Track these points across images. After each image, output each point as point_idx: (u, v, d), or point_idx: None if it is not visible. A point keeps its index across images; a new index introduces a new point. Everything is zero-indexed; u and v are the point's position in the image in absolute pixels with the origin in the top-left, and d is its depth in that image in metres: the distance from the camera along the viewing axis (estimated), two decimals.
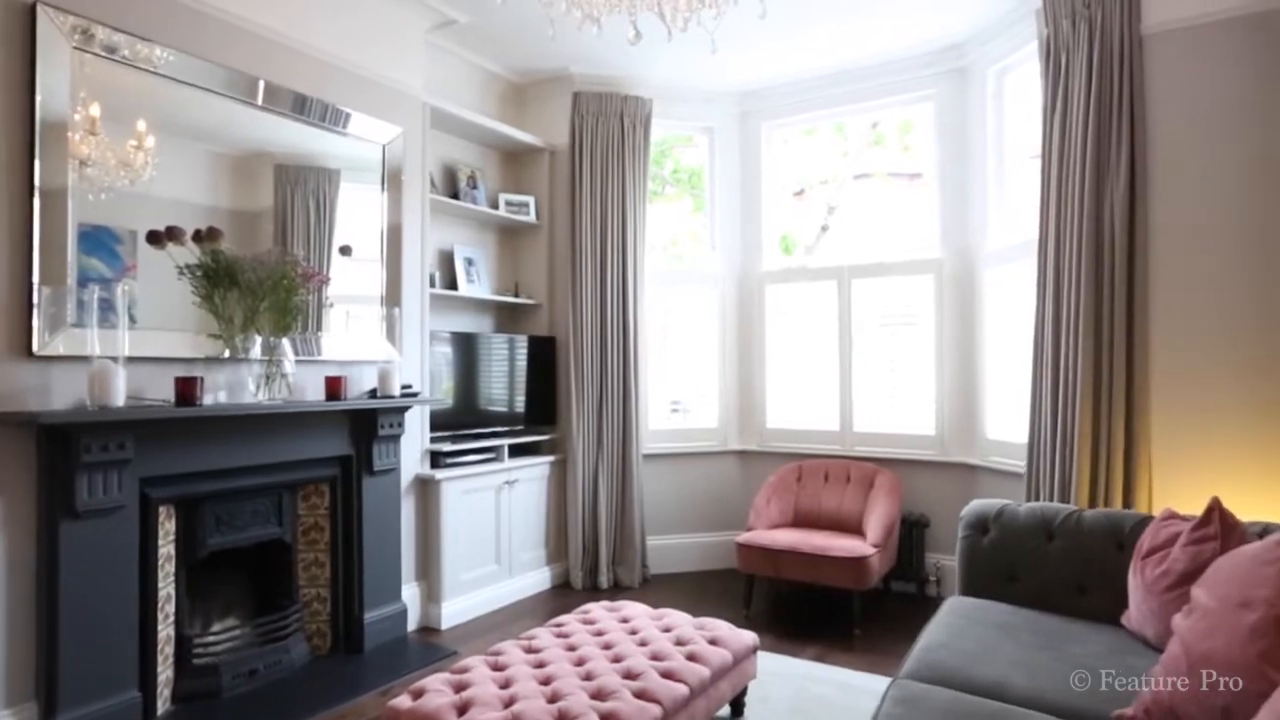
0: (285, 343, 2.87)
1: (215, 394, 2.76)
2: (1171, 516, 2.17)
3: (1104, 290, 3.02)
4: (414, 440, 3.61)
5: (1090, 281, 3.03)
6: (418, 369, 3.64)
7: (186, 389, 2.51)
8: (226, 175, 2.86)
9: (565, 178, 4.41)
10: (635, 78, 4.45)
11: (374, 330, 3.43)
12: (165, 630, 2.65)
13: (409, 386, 3.50)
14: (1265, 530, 2.06)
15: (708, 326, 4.79)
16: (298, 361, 2.98)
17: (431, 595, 3.64)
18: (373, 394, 3.31)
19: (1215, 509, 1.98)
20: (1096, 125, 3.03)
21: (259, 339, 2.82)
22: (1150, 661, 1.91)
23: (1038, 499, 3.24)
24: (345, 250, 3.29)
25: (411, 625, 3.55)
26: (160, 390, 2.60)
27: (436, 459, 3.73)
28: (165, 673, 2.64)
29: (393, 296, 3.51)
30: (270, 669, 2.93)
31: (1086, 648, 2.05)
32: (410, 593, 3.57)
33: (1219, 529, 1.94)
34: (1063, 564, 2.43)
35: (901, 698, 1.77)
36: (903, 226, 4.47)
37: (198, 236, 2.64)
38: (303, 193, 3.15)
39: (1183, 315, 2.91)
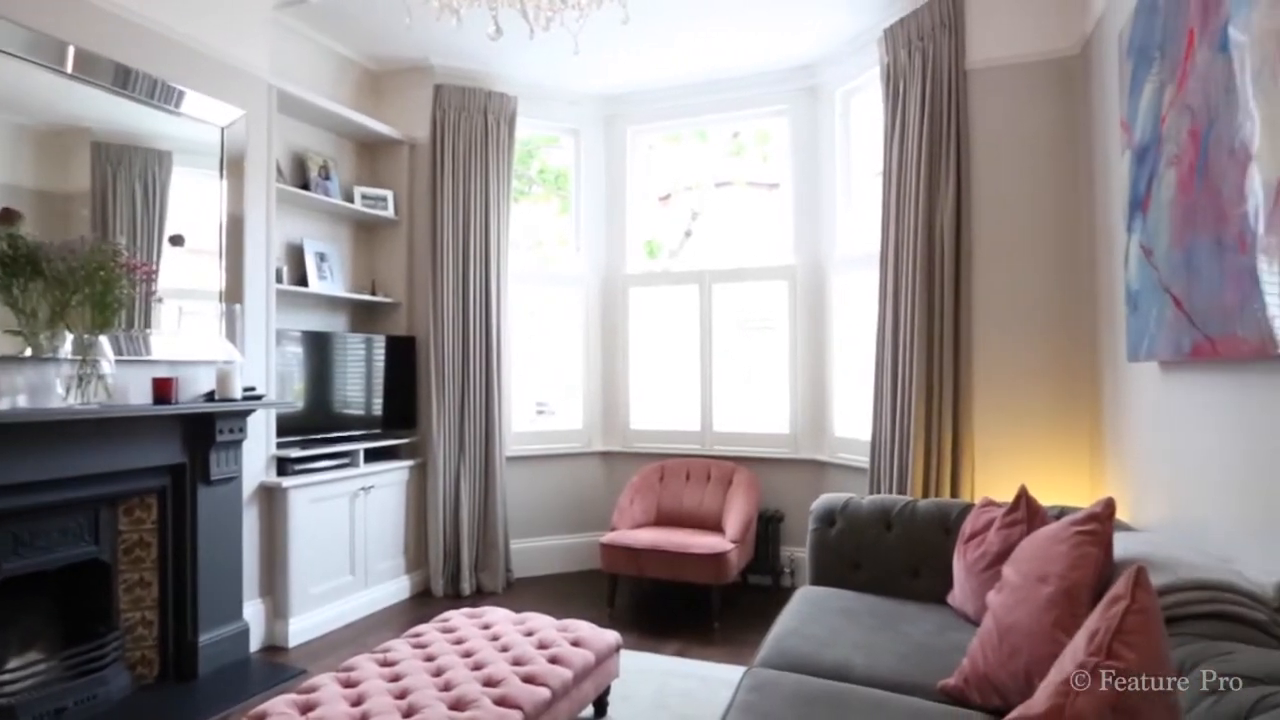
0: (103, 341, 2.59)
1: (14, 398, 2.43)
2: (989, 504, 2.41)
3: (935, 300, 3.31)
4: (259, 446, 3.36)
5: (924, 291, 3.31)
6: (263, 370, 3.39)
7: None
8: (30, 150, 2.54)
9: (426, 172, 4.27)
10: (500, 74, 4.38)
11: (212, 328, 3.16)
12: None
13: (252, 389, 3.24)
14: (1061, 513, 2.32)
15: (572, 328, 4.79)
16: (120, 361, 2.69)
17: (278, 611, 3.40)
18: (210, 397, 3.05)
19: (1023, 496, 2.22)
20: (929, 148, 3.32)
21: (70, 336, 2.52)
22: (971, 635, 2.11)
23: (879, 492, 3.50)
24: (177, 240, 3.01)
25: (255, 645, 3.30)
26: None
27: (284, 465, 3.49)
28: None
29: (233, 292, 3.25)
30: (82, 705, 2.62)
31: (918, 627, 2.23)
32: (253, 610, 3.32)
33: (1025, 513, 2.17)
34: (899, 551, 2.63)
35: (754, 685, 1.85)
36: (761, 234, 4.68)
37: None
38: (127, 175, 2.85)
39: (998, 324, 3.25)
